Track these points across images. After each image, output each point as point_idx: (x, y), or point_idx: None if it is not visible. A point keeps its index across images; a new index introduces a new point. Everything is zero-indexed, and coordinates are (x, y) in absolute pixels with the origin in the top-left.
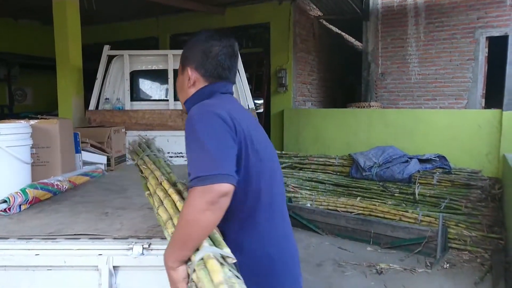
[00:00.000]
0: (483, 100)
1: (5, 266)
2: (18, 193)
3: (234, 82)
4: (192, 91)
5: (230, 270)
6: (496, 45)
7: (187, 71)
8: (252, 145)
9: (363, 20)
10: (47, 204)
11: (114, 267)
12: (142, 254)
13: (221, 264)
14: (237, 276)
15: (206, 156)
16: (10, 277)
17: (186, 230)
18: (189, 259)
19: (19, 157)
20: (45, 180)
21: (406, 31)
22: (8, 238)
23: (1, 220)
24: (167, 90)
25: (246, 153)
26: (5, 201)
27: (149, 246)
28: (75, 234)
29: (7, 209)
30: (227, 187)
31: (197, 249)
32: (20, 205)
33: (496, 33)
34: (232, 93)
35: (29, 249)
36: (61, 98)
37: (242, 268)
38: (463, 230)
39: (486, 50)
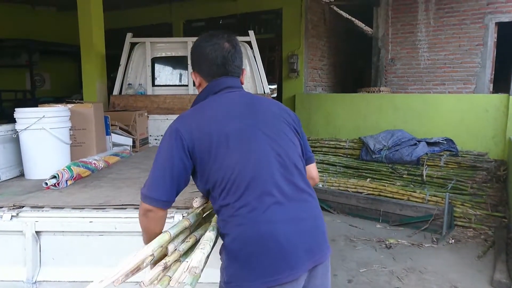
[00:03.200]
0: (491, 85)
1: (63, 231)
2: (65, 170)
3: (234, 75)
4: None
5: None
6: (505, 30)
7: (192, 74)
8: (211, 143)
9: (373, 6)
10: (89, 180)
11: None
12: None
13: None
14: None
15: (149, 177)
16: (67, 241)
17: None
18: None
19: (61, 138)
20: (85, 159)
21: (416, 17)
22: (64, 207)
23: (53, 193)
24: (186, 76)
25: (205, 158)
26: (54, 177)
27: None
28: (122, 205)
29: (56, 184)
30: (148, 207)
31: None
32: (66, 181)
33: (505, 18)
34: (231, 87)
35: (83, 217)
36: (85, 83)
37: (232, 254)
38: (468, 209)
39: (495, 35)
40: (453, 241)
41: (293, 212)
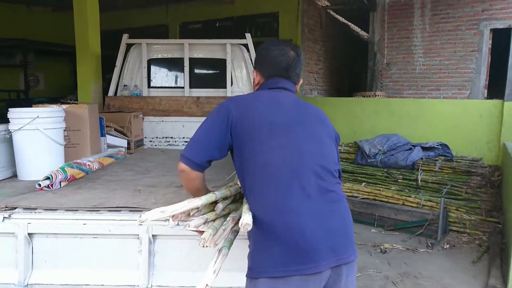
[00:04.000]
0: (486, 91)
1: (56, 233)
2: (59, 171)
3: (291, 79)
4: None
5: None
6: (500, 37)
7: (253, 73)
8: (252, 126)
9: (369, 11)
10: (83, 182)
11: (153, 235)
12: (178, 224)
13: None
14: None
15: (190, 140)
16: (60, 243)
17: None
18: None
19: (55, 138)
20: (79, 160)
21: (412, 22)
22: (57, 209)
23: (47, 194)
24: (182, 77)
25: (238, 135)
26: (48, 178)
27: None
28: (117, 207)
29: (49, 185)
30: (182, 167)
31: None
32: (60, 182)
33: (500, 25)
34: (285, 88)
35: (77, 219)
36: (80, 84)
37: (256, 240)
38: (463, 214)
39: (490, 42)
40: (448, 246)
41: (321, 210)
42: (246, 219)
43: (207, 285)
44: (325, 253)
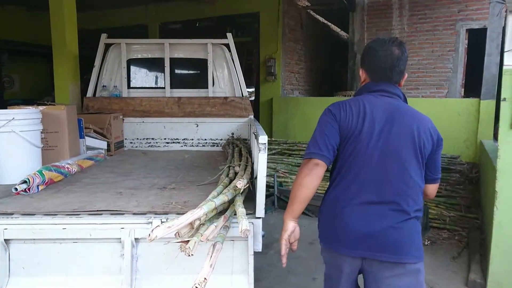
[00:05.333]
0: (463, 90)
1: (34, 239)
2: (36, 174)
3: (392, 81)
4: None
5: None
6: (476, 37)
7: (361, 70)
8: (349, 131)
9: (349, 11)
10: (61, 185)
11: (135, 239)
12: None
13: None
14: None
15: (312, 139)
16: (39, 249)
17: (294, 191)
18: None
19: (32, 141)
20: (57, 163)
21: (390, 23)
22: (35, 214)
23: (24, 198)
24: (163, 78)
25: (343, 136)
26: (25, 182)
27: (166, 220)
28: (98, 210)
29: (27, 189)
30: (316, 161)
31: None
32: (38, 186)
33: (475, 25)
34: (385, 91)
35: (56, 224)
36: (58, 84)
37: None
38: (443, 210)
39: (466, 42)
40: (429, 242)
41: (376, 212)
42: (245, 224)
43: (205, 279)
44: (361, 246)
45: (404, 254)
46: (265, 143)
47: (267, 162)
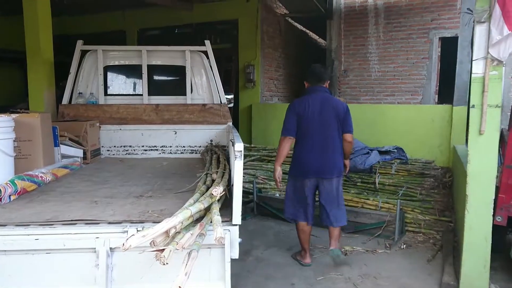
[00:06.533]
0: (436, 96)
1: (5, 250)
2: (8, 184)
3: (321, 84)
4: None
5: None
6: (448, 45)
7: (305, 82)
8: (303, 116)
9: (327, 19)
10: (35, 194)
11: (110, 248)
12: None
13: None
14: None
15: (284, 124)
16: (10, 261)
17: (280, 152)
18: None
19: (4, 149)
20: (30, 172)
21: (367, 30)
22: (6, 225)
23: None
24: (141, 85)
25: (299, 120)
26: None
27: (142, 229)
28: (72, 220)
29: None
30: (287, 137)
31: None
32: (10, 196)
33: (448, 34)
34: (318, 90)
35: (28, 234)
36: (32, 91)
37: (292, 162)
38: (418, 214)
39: (439, 49)
40: (404, 246)
41: (321, 153)
42: (220, 232)
43: (179, 287)
44: (313, 172)
45: (332, 174)
46: (241, 151)
47: (247, 169)
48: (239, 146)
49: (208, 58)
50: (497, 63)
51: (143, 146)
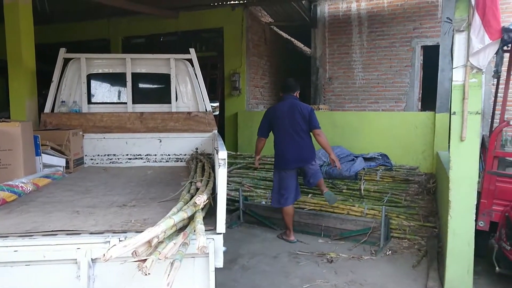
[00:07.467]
0: (419, 103)
1: None
2: None
3: (291, 93)
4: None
5: None
6: (430, 53)
7: (280, 92)
8: (274, 118)
9: (311, 27)
10: (14, 205)
11: (92, 259)
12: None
13: None
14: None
15: (259, 127)
16: None
17: (256, 147)
18: None
19: None
20: (10, 182)
21: (351, 39)
22: None
23: None
24: (125, 93)
25: (271, 122)
26: None
27: (125, 239)
28: (52, 231)
29: None
30: (261, 138)
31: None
32: None
33: (429, 42)
34: (288, 97)
35: (7, 246)
36: (13, 100)
37: (275, 157)
38: (403, 220)
39: (421, 58)
40: (390, 252)
41: (295, 146)
42: (202, 241)
43: None
44: (293, 162)
45: (309, 161)
46: (224, 159)
47: (233, 176)
48: (223, 154)
49: (193, 66)
50: (477, 71)
51: (127, 155)
